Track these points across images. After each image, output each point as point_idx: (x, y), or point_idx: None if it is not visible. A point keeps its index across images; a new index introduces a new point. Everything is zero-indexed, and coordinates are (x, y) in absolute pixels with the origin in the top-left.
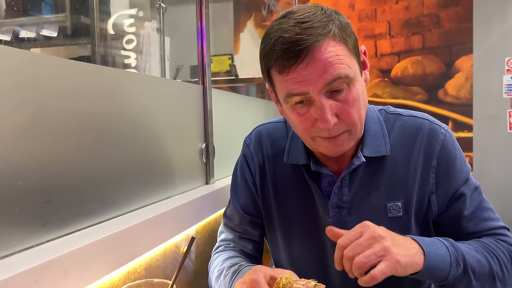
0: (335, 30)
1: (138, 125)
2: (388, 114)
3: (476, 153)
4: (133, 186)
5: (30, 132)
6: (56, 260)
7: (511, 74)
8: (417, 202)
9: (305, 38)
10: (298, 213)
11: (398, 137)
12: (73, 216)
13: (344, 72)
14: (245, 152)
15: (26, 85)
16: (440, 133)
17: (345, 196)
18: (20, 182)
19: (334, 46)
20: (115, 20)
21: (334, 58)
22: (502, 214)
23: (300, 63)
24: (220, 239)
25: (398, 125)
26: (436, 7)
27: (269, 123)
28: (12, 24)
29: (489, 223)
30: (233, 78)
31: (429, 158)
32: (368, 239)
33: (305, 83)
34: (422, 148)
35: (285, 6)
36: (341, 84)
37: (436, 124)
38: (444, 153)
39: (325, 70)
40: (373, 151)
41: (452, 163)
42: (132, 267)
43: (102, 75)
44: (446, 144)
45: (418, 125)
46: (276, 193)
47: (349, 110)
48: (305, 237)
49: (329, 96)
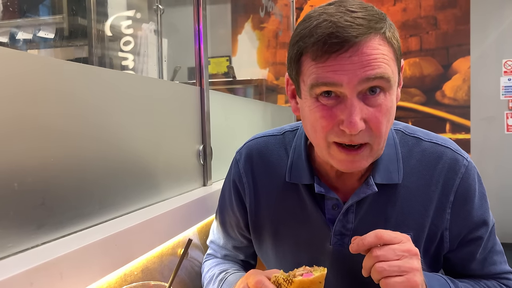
0: (386, 30)
1: (135, 126)
2: (406, 135)
3: (474, 155)
4: (130, 187)
5: (25, 134)
6: (52, 263)
7: (508, 76)
8: (428, 236)
9: (355, 26)
10: (292, 235)
11: (415, 165)
12: (69, 218)
13: (388, 73)
14: (234, 171)
15: (20, 86)
16: (462, 165)
17: (350, 224)
18: (15, 184)
19: (382, 45)
20: (112, 21)
21: (380, 56)
22: (499, 216)
23: (344, 52)
24: (208, 253)
25: (416, 152)
26: (434, 9)
27: (262, 136)
28: (9, 26)
29: (497, 267)
30: (231, 80)
31: (446, 192)
32: (404, 251)
33: (342, 73)
34: (441, 180)
35: (283, 8)
36: (380, 85)
37: (459, 154)
38: (463, 188)
39: (368, 64)
40: (385, 178)
41: (471, 199)
42: (128, 270)
43: (98, 76)
44: (467, 178)
45: (439, 154)
46: (269, 213)
47: (380, 118)
48: (299, 259)
49: (362, 98)
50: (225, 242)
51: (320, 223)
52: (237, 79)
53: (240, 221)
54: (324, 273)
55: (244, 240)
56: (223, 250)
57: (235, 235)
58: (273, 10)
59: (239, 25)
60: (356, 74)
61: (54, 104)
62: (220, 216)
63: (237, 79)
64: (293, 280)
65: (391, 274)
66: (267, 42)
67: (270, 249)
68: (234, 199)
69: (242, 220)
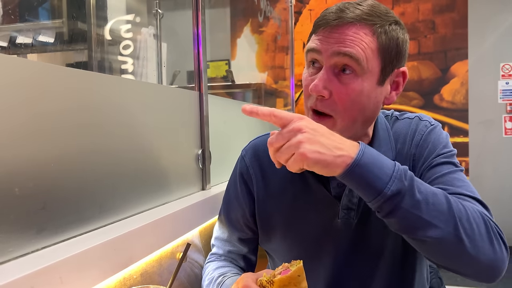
0: (378, 26)
1: (134, 131)
2: (392, 118)
3: (472, 158)
4: (129, 192)
5: (26, 139)
6: (52, 267)
7: (506, 80)
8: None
9: (348, 12)
10: (301, 219)
11: (398, 140)
12: (69, 222)
13: (357, 54)
14: (240, 165)
15: (21, 91)
16: (424, 125)
17: (355, 198)
18: (16, 189)
19: (366, 35)
20: (112, 25)
21: (358, 41)
22: (497, 218)
23: (329, 27)
24: (212, 252)
25: (394, 130)
26: (432, 13)
27: (266, 134)
28: (9, 30)
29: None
30: (230, 84)
31: (413, 148)
32: (289, 131)
33: (323, 43)
34: (411, 143)
35: (282, 12)
36: (349, 64)
37: (425, 120)
38: (425, 140)
39: (343, 42)
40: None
41: (428, 142)
42: (128, 273)
43: (97, 82)
44: (429, 133)
45: (408, 123)
46: (277, 202)
47: (344, 95)
48: (309, 241)
49: (335, 74)
50: (230, 235)
51: (328, 200)
52: (236, 83)
53: (246, 212)
54: (300, 266)
55: (249, 231)
56: (227, 245)
57: (240, 227)
58: (272, 14)
59: (238, 29)
60: (331, 47)
61: (54, 110)
62: (226, 210)
63: (236, 83)
64: (273, 280)
65: (287, 157)
66: (266, 46)
67: (279, 236)
68: (241, 191)
69: (248, 211)
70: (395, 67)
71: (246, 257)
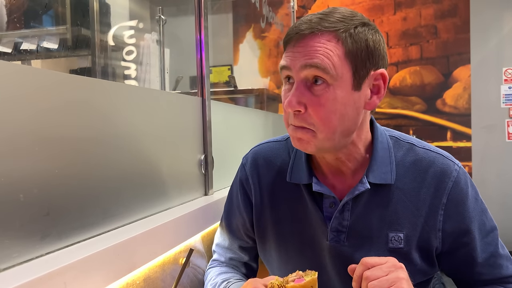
0: (341, 31)
1: (137, 137)
2: (400, 141)
3: (475, 163)
4: (132, 197)
5: (31, 146)
6: (56, 272)
7: (508, 84)
8: (421, 236)
9: (310, 23)
10: (296, 235)
11: (408, 168)
12: (73, 228)
13: (324, 64)
14: (240, 173)
15: (25, 98)
16: (453, 170)
17: (345, 221)
18: (21, 195)
19: (330, 42)
20: (115, 31)
21: (323, 50)
22: (502, 223)
23: (295, 41)
24: (213, 258)
25: (410, 156)
26: (434, 18)
27: (267, 142)
28: (13, 36)
29: (503, 271)
30: (232, 89)
31: (439, 194)
32: (390, 267)
33: (291, 59)
34: (433, 183)
35: (284, 18)
36: (319, 75)
37: (450, 160)
38: (456, 191)
39: (308, 54)
40: (378, 178)
41: (463, 202)
42: (131, 279)
43: (100, 89)
44: (459, 182)
45: (431, 159)
46: (273, 215)
47: (318, 105)
48: (302, 257)
49: (308, 86)
50: (231, 243)
51: (319, 220)
52: (238, 89)
53: (247, 221)
54: (315, 277)
55: (249, 240)
56: (228, 252)
57: (241, 236)
58: (274, 20)
59: (240, 34)
60: (298, 61)
61: (58, 117)
62: (227, 218)
63: (239, 88)
64: (285, 286)
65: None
66: (268, 51)
67: (274, 248)
68: (241, 200)
69: (248, 220)
70: (370, 69)
71: (248, 264)
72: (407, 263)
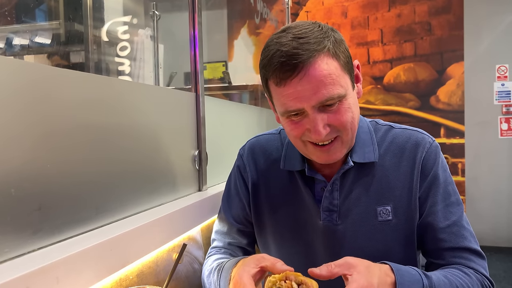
0: (329, 46)
1: (130, 132)
2: (379, 125)
3: (468, 159)
4: (126, 193)
5: (22, 140)
6: (48, 267)
7: (501, 81)
8: (406, 206)
9: (301, 53)
10: (290, 219)
11: (388, 146)
12: (65, 223)
13: (336, 92)
14: (238, 163)
15: (16, 93)
16: (427, 141)
17: (335, 200)
18: (12, 190)
19: (327, 64)
20: (109, 27)
21: (327, 78)
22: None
23: (294, 77)
24: (212, 246)
25: (389, 136)
26: (428, 15)
27: (262, 135)
28: (5, 31)
29: (467, 242)
30: (226, 85)
31: (416, 164)
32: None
33: (300, 99)
34: (411, 156)
35: (278, 14)
36: (333, 102)
37: (425, 134)
38: (427, 158)
39: (318, 89)
40: (362, 157)
41: (431, 167)
42: (124, 274)
43: (93, 83)
44: (431, 152)
45: (407, 135)
46: (269, 200)
47: (340, 119)
48: (296, 240)
49: (321, 110)
50: (230, 228)
51: (311, 202)
52: (232, 85)
53: (246, 205)
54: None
55: (248, 224)
56: (227, 237)
57: (240, 220)
58: (269, 16)
59: (235, 30)
60: (310, 99)
61: (50, 111)
62: (226, 204)
63: (233, 84)
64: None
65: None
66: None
67: (270, 232)
68: (239, 185)
69: (247, 204)
70: (353, 67)
71: (245, 249)
72: (397, 235)
